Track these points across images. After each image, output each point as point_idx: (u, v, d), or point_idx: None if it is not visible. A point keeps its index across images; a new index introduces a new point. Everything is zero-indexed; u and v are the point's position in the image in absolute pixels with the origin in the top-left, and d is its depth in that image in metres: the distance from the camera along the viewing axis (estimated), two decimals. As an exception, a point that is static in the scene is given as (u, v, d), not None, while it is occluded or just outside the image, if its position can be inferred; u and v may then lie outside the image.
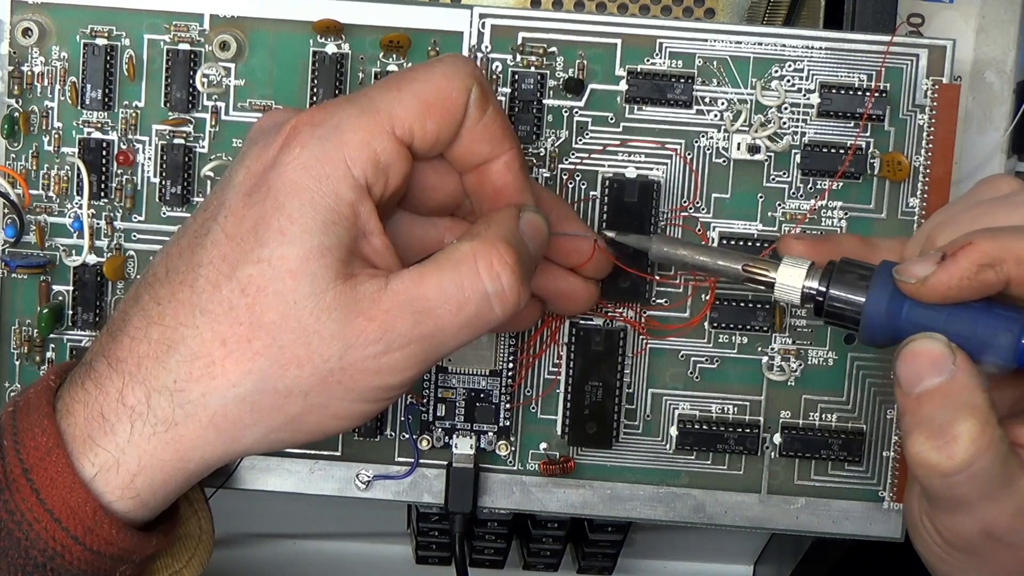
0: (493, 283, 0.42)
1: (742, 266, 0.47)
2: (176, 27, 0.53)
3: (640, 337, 0.54)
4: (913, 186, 0.53)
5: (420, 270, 0.42)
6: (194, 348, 0.41)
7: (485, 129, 0.44)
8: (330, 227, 0.41)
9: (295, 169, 0.41)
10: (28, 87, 0.53)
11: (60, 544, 0.42)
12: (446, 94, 0.43)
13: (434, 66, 0.44)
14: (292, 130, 0.42)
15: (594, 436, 0.53)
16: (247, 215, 0.41)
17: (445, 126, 0.44)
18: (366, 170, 0.42)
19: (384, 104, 0.43)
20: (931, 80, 0.52)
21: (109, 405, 0.42)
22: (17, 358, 0.54)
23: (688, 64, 0.53)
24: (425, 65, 0.44)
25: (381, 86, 0.44)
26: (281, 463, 0.55)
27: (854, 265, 0.45)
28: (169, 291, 0.42)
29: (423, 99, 0.43)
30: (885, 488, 0.54)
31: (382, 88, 0.43)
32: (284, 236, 0.41)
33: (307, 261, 0.41)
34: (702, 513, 0.55)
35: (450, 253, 0.43)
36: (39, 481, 0.42)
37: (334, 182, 0.41)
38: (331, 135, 0.42)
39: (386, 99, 0.43)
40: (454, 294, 0.42)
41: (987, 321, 0.42)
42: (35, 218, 0.53)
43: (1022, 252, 0.41)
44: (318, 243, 0.41)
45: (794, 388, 0.54)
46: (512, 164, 0.45)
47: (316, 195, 0.41)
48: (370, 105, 0.43)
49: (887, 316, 0.43)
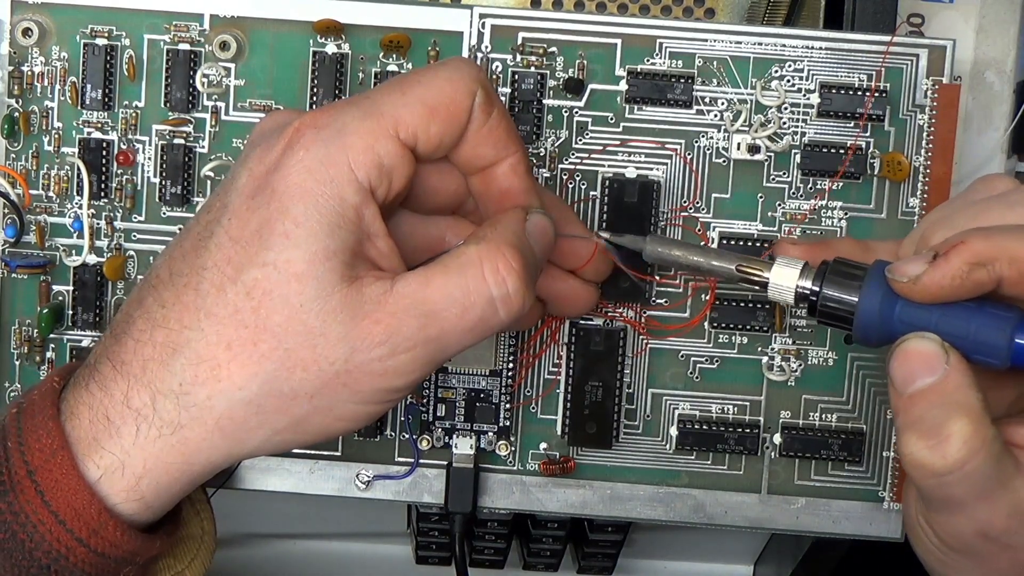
0: (498, 287, 0.42)
1: (735, 266, 0.47)
2: (176, 27, 0.53)
3: (640, 337, 0.54)
4: (913, 186, 0.53)
5: (426, 273, 0.42)
6: (199, 351, 0.41)
7: (490, 133, 0.44)
8: (335, 231, 0.41)
9: (299, 172, 0.41)
10: (28, 87, 0.53)
11: (64, 546, 0.42)
12: (450, 98, 0.43)
13: (439, 69, 0.44)
14: (295, 133, 0.42)
15: (594, 436, 0.53)
16: (251, 218, 0.41)
17: (449, 130, 0.43)
18: (370, 173, 0.42)
19: (388, 107, 0.43)
20: (931, 80, 0.52)
21: (114, 408, 0.42)
22: (17, 358, 0.54)
23: (688, 64, 0.53)
24: (429, 68, 0.44)
25: (385, 89, 0.44)
26: (281, 463, 0.55)
27: (847, 265, 0.45)
28: (173, 294, 0.42)
29: (427, 103, 0.43)
30: (885, 488, 0.54)
31: (386, 91, 0.43)
32: (289, 240, 0.41)
33: (313, 265, 0.41)
34: (702, 513, 0.55)
35: (456, 256, 0.43)
36: (44, 483, 0.42)
37: (338, 185, 0.41)
38: (335, 138, 0.42)
39: (390, 102, 0.43)
40: (460, 298, 0.42)
41: (980, 320, 0.42)
42: (35, 218, 0.53)
43: (1015, 251, 0.41)
44: (324, 247, 0.41)
45: (794, 388, 0.54)
46: (518, 167, 0.45)
47: (321, 199, 0.41)
48: (374, 108, 0.43)
49: (880, 316, 0.43)
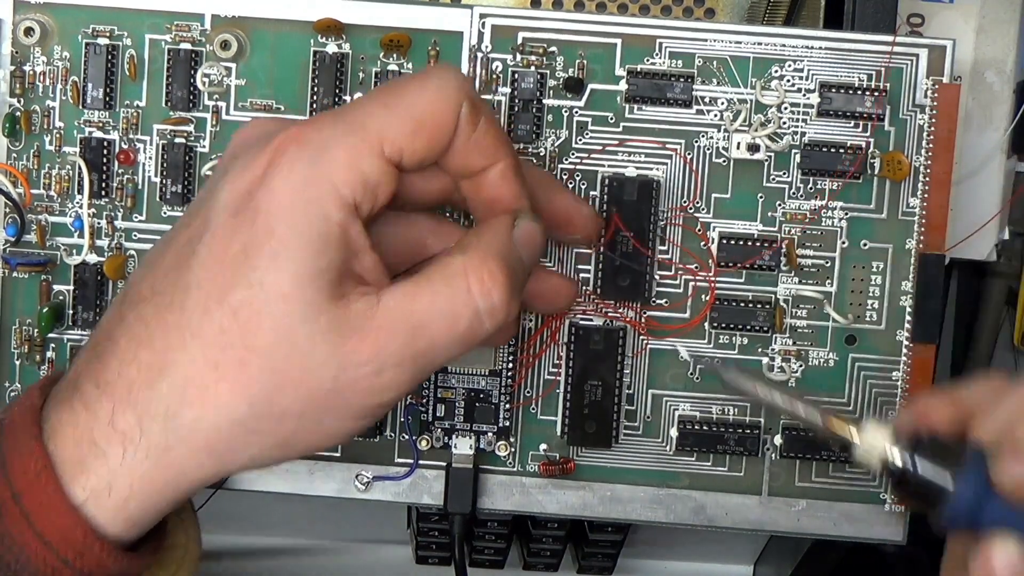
0: (484, 300, 0.42)
1: (822, 419, 0.45)
2: (177, 27, 0.53)
3: (640, 337, 0.54)
4: (913, 186, 0.53)
5: (412, 287, 0.42)
6: (186, 372, 0.41)
7: (477, 143, 0.44)
8: (321, 250, 0.41)
9: (284, 192, 0.41)
10: (30, 86, 0.53)
11: (51, 568, 0.41)
12: (436, 112, 0.43)
13: (424, 81, 0.43)
14: (278, 149, 0.41)
15: (594, 435, 0.53)
16: (235, 238, 0.41)
17: (434, 144, 0.43)
18: (355, 191, 0.41)
19: (372, 123, 0.42)
20: (931, 80, 0.52)
21: (100, 429, 0.41)
22: (17, 358, 0.54)
23: (688, 64, 0.53)
24: (415, 79, 0.44)
25: (369, 102, 0.43)
26: (281, 464, 0.55)
27: (942, 447, 0.43)
28: (156, 312, 0.42)
29: (412, 118, 0.42)
30: (886, 490, 0.54)
31: (370, 105, 0.43)
32: (276, 260, 0.40)
33: (300, 285, 0.40)
34: (702, 515, 0.55)
35: (442, 268, 0.42)
36: (29, 505, 0.41)
37: (324, 204, 0.41)
38: (319, 156, 0.41)
39: (374, 117, 0.42)
40: (446, 311, 0.42)
41: None
42: (36, 217, 0.53)
43: None
44: (310, 267, 0.40)
45: (795, 389, 0.54)
46: (507, 173, 0.45)
47: (306, 218, 0.41)
48: (358, 124, 0.42)
49: (970, 507, 0.42)
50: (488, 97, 0.53)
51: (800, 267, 0.53)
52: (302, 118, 0.49)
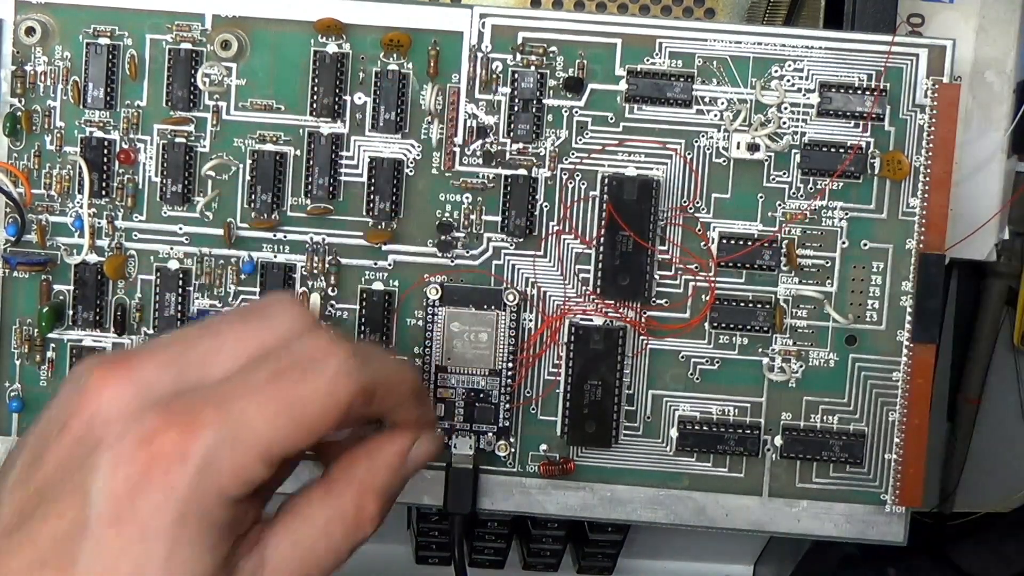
0: (362, 531, 0.43)
1: None
2: (178, 27, 0.53)
3: (640, 337, 0.54)
4: (913, 186, 0.53)
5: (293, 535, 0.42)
6: None
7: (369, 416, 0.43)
8: (213, 551, 0.40)
9: (168, 509, 0.39)
10: (31, 86, 0.53)
11: None
12: (327, 418, 0.41)
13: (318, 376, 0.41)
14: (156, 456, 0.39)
15: (593, 435, 0.53)
16: (123, 558, 0.39)
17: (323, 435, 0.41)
18: (242, 491, 0.40)
19: (259, 429, 0.40)
20: (931, 80, 0.52)
21: None
22: (17, 358, 0.54)
23: (688, 64, 0.53)
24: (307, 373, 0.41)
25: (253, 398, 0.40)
26: (281, 463, 0.55)
27: None
28: None
29: (302, 425, 0.40)
30: (887, 490, 0.54)
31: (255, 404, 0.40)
32: None
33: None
34: (703, 516, 0.55)
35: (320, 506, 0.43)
36: None
37: (211, 515, 0.39)
38: (204, 470, 0.39)
39: (260, 422, 0.40)
40: (330, 547, 0.42)
41: None
42: (36, 217, 0.53)
43: None
44: (202, 570, 0.39)
45: (795, 389, 0.54)
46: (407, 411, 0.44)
47: (196, 531, 0.39)
48: (242, 431, 0.40)
49: None
50: (488, 97, 0.53)
51: (800, 267, 0.53)
52: None
